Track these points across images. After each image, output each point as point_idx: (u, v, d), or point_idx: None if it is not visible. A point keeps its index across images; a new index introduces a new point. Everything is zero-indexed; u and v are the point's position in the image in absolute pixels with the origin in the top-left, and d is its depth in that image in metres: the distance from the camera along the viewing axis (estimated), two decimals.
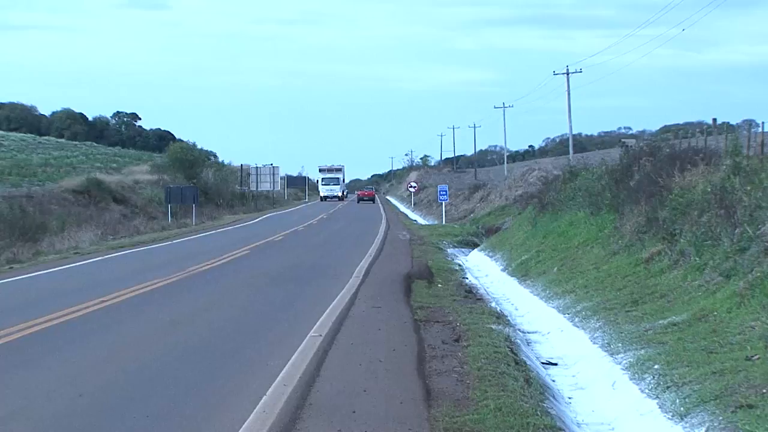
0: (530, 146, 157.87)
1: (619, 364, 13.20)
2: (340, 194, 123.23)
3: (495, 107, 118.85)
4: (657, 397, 11.05)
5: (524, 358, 13.39)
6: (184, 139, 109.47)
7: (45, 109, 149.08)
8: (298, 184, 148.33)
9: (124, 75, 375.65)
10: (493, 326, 15.38)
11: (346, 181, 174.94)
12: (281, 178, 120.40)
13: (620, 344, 14.30)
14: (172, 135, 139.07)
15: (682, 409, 10.18)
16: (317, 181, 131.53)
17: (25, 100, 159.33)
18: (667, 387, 11.14)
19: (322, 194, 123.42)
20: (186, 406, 9.67)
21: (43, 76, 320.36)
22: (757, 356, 11.53)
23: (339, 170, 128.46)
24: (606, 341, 14.97)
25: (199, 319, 16.39)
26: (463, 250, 38.41)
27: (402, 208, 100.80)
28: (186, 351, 13.05)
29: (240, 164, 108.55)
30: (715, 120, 35.94)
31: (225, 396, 9.99)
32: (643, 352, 13.23)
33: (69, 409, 9.72)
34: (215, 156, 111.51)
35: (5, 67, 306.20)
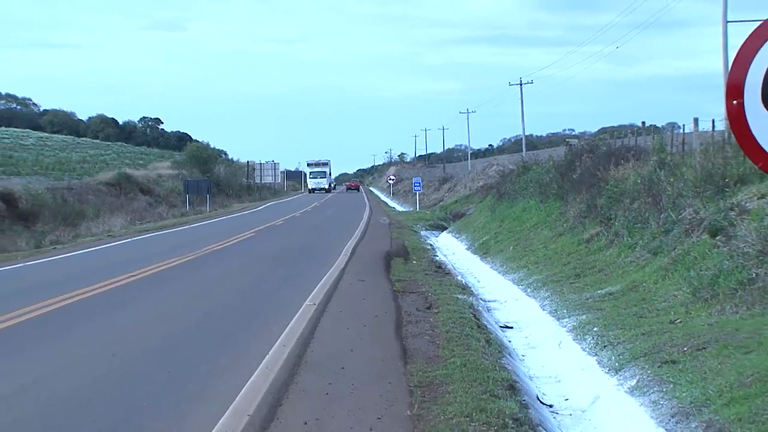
0: (490, 145, 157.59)
1: (564, 327, 13.27)
2: (326, 186, 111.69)
3: (460, 112, 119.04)
4: (596, 354, 11.13)
5: (485, 323, 13.44)
6: (200, 140, 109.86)
7: (82, 115, 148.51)
8: (296, 177, 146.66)
9: (148, 85, 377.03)
10: (459, 296, 15.42)
11: (335, 175, 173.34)
12: (281, 172, 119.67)
13: (565, 310, 14.38)
14: (190, 136, 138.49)
15: (616, 364, 10.26)
16: (305, 174, 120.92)
17: (66, 107, 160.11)
18: (604, 346, 11.21)
19: (310, 187, 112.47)
20: (202, 365, 9.68)
21: (80, 86, 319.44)
22: (679, 320, 11.62)
23: (326, 164, 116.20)
24: (553, 308, 15.04)
25: (213, 292, 16.39)
26: (433, 232, 38.40)
27: (383, 197, 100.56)
28: (201, 320, 13.05)
29: (246, 161, 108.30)
30: (644, 123, 36.00)
31: (235, 357, 10.03)
32: (584, 317, 13.31)
33: (106, 366, 9.75)
34: (226, 154, 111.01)
35: (49, 79, 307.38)
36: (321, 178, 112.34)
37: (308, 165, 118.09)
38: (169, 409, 7.83)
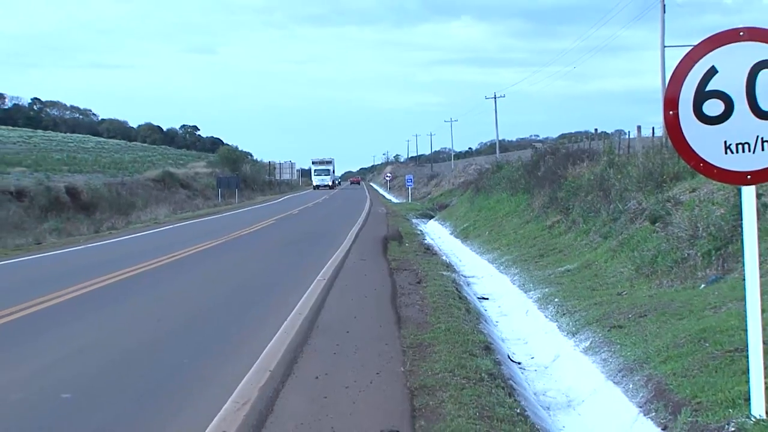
0: (469, 148, 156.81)
1: (531, 298, 13.28)
2: (330, 183, 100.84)
3: (445, 121, 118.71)
4: (556, 320, 11.14)
5: (465, 295, 13.44)
6: (230, 144, 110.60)
7: (133, 123, 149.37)
8: (308, 175, 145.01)
9: (187, 98, 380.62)
10: (444, 272, 15.42)
11: (341, 173, 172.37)
12: (297, 170, 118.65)
13: (531, 285, 14.39)
14: (221, 141, 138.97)
15: (573, 328, 10.27)
16: (310, 171, 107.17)
17: (120, 117, 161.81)
18: (564, 314, 11.22)
19: (314, 184, 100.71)
20: (231, 330, 9.71)
21: (131, 99, 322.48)
22: (624, 292, 11.64)
23: (329, 162, 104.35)
24: (521, 282, 15.06)
25: (240, 269, 16.39)
26: (423, 220, 38.36)
27: (381, 191, 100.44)
28: (230, 293, 13.03)
29: (268, 161, 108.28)
30: (596, 129, 35.99)
31: (258, 323, 10.03)
32: (547, 290, 13.32)
33: (152, 331, 9.76)
34: (251, 155, 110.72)
35: (106, 94, 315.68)
36: (325, 175, 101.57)
37: (313, 163, 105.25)
38: (204, 367, 7.83)
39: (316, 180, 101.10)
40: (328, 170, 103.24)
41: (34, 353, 8.42)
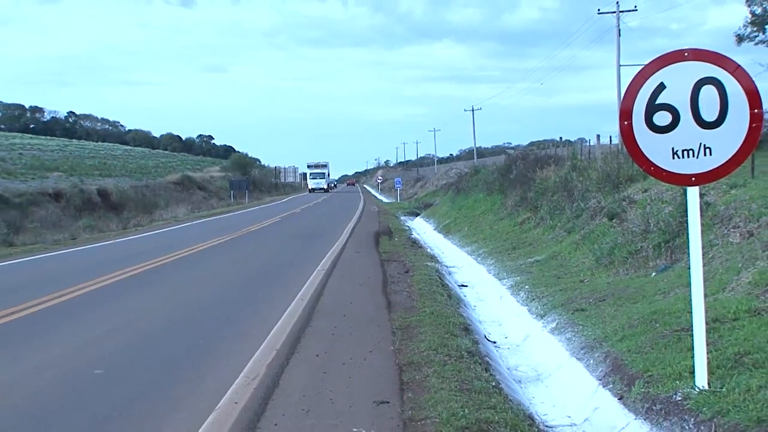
0: (450, 154, 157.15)
1: (504, 285, 13.29)
2: (325, 186, 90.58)
3: (429, 130, 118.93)
4: (527, 305, 11.15)
5: (447, 282, 13.44)
6: (241, 151, 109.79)
7: (156, 133, 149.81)
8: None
9: (203, 111, 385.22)
10: (429, 263, 15.42)
11: (337, 176, 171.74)
12: (299, 174, 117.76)
13: (505, 273, 14.40)
14: (233, 148, 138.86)
15: (541, 312, 10.28)
16: (306, 175, 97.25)
17: (144, 128, 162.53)
18: (533, 299, 11.24)
19: (310, 187, 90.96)
20: (242, 313, 9.70)
21: (154, 112, 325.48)
22: (586, 280, 11.67)
23: (324, 166, 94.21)
24: (496, 272, 15.06)
25: (249, 261, 16.35)
26: (410, 217, 38.35)
27: (374, 192, 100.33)
28: (240, 282, 13.02)
29: (274, 166, 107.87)
30: (561, 138, 36.21)
31: (265, 307, 10.01)
32: (518, 278, 13.34)
33: (174, 313, 9.75)
34: (259, 161, 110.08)
35: (132, 107, 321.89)
36: (320, 178, 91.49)
37: (308, 167, 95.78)
38: (218, 344, 7.82)
39: (311, 183, 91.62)
40: (324, 173, 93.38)
41: (72, 333, 8.40)
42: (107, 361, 7.19)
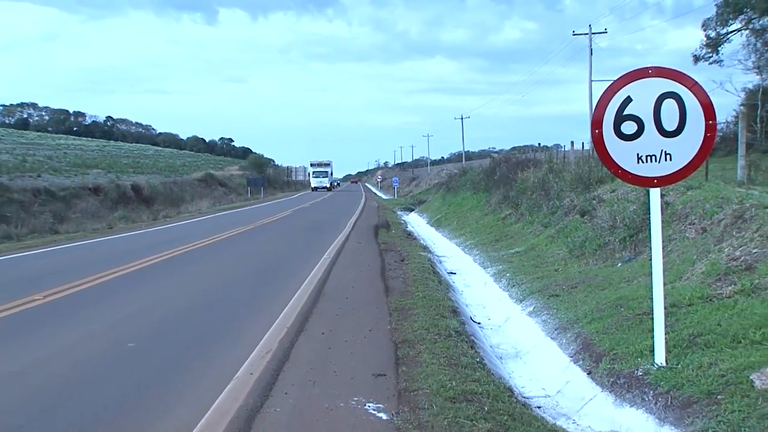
0: (442, 156, 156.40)
1: (488, 273, 13.28)
2: (328, 185, 79.22)
3: (423, 136, 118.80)
4: (508, 290, 11.15)
5: (438, 270, 13.43)
6: (257, 152, 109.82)
7: (183, 136, 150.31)
8: None
9: (224, 116, 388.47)
10: (422, 253, 15.42)
11: (341, 175, 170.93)
12: (308, 173, 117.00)
13: (489, 263, 14.39)
14: (251, 150, 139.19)
15: (521, 297, 10.29)
16: (309, 173, 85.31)
17: (173, 131, 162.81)
18: (513, 285, 11.24)
19: (312, 185, 79.29)
20: (254, 298, 9.68)
21: (182, 117, 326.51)
22: (560, 269, 11.66)
23: (327, 165, 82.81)
24: (481, 261, 15.06)
25: (265, 248, 16.34)
26: (406, 212, 38.27)
27: (374, 190, 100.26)
28: (256, 268, 13.01)
29: (286, 165, 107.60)
30: (539, 143, 36.29)
31: (278, 291, 9.99)
32: (500, 267, 13.33)
33: (195, 296, 9.73)
34: (273, 161, 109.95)
35: (162, 113, 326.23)
36: (323, 177, 79.93)
37: (311, 165, 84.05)
38: (236, 323, 7.82)
39: (314, 182, 79.90)
40: (326, 172, 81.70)
41: (109, 311, 8.40)
42: (139, 336, 7.19)
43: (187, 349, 6.67)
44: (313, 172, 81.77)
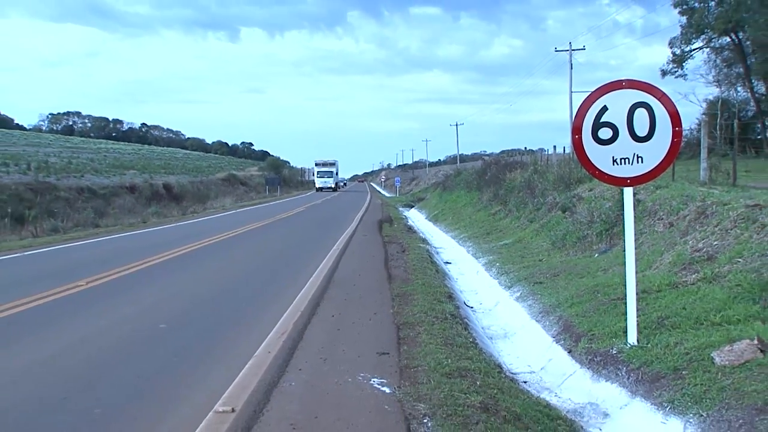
0: (439, 159, 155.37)
1: (480, 263, 13.28)
2: (333, 186, 68.77)
3: (422, 140, 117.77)
4: (497, 278, 11.14)
5: (435, 260, 13.42)
6: (274, 155, 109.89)
7: (209, 140, 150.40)
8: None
9: (245, 123, 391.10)
10: (421, 245, 15.40)
11: (349, 175, 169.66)
12: (314, 172, 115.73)
13: (480, 253, 14.39)
14: (269, 152, 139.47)
15: (509, 284, 10.28)
16: (314, 173, 73.46)
17: (200, 136, 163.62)
18: (502, 274, 11.23)
19: (317, 186, 68.91)
20: (271, 284, 9.68)
21: (208, 124, 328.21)
22: (544, 259, 11.65)
23: (332, 164, 71.07)
24: (474, 252, 15.05)
25: (279, 242, 16.34)
26: (406, 208, 38.23)
27: (378, 189, 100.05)
28: (272, 258, 13.03)
29: (300, 167, 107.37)
30: (526, 147, 36.12)
31: (291, 280, 9.97)
32: (491, 257, 13.32)
33: (221, 282, 9.73)
34: (289, 162, 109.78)
35: (191, 120, 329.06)
36: (328, 177, 69.41)
37: (316, 164, 72.15)
38: (256, 306, 7.83)
39: (318, 182, 69.20)
40: (331, 172, 70.61)
41: (144, 296, 8.43)
42: (170, 318, 7.20)
43: (212, 330, 6.68)
44: (318, 172, 70.42)
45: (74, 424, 4.16)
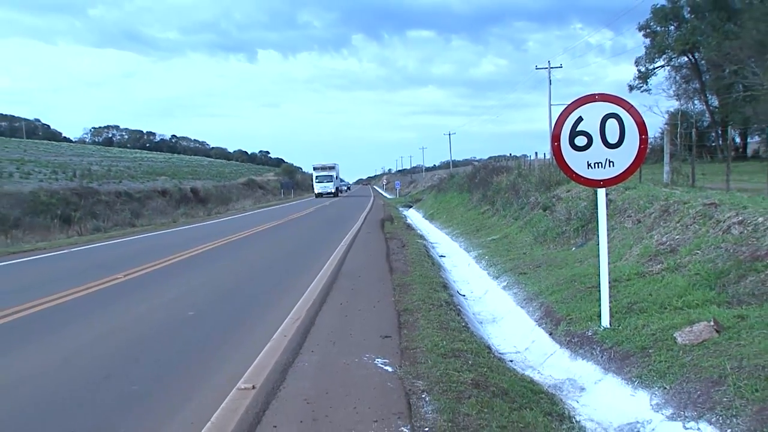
0: (434, 164, 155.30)
1: (471, 256, 13.24)
2: (333, 191, 54.44)
3: (419, 148, 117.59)
4: (486, 269, 11.11)
5: (431, 254, 13.38)
6: (289, 162, 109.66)
7: (231, 149, 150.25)
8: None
9: (263, 134, 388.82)
10: (418, 240, 15.35)
11: (353, 180, 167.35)
12: (313, 177, 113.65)
13: (471, 248, 14.36)
14: (283, 160, 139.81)
15: (496, 274, 10.25)
16: (313, 178, 56.83)
17: (223, 145, 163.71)
18: (491, 265, 11.20)
19: (316, 191, 54.33)
20: (286, 279, 9.64)
21: (230, 135, 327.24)
22: (527, 252, 11.61)
23: (332, 168, 56.16)
24: (465, 246, 15.01)
25: (292, 239, 16.33)
26: (405, 208, 38.08)
27: (381, 191, 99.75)
28: (286, 253, 13.01)
29: (311, 172, 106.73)
30: (511, 153, 36.18)
31: (303, 272, 9.96)
32: (480, 251, 13.29)
33: (240, 274, 9.70)
34: (301, 168, 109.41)
35: (215, 132, 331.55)
36: (328, 182, 54.91)
37: (314, 169, 56.90)
38: (272, 296, 7.81)
39: (317, 187, 54.60)
40: (331, 176, 55.77)
41: (174, 287, 8.42)
42: (197, 306, 7.20)
43: (234, 317, 6.69)
44: (317, 177, 55.69)
45: (114, 400, 4.18)
